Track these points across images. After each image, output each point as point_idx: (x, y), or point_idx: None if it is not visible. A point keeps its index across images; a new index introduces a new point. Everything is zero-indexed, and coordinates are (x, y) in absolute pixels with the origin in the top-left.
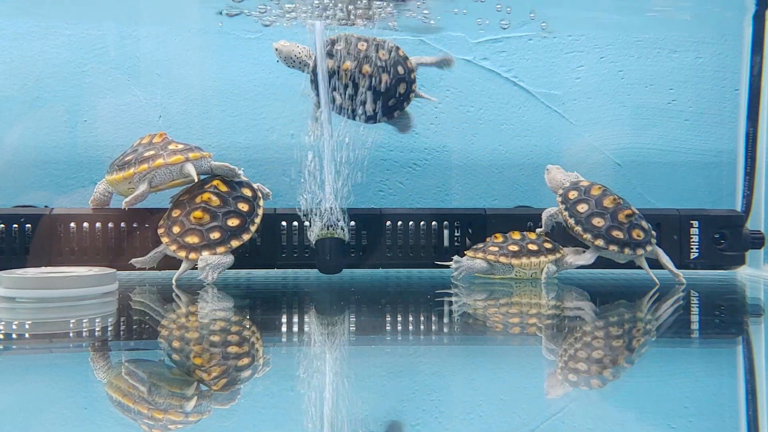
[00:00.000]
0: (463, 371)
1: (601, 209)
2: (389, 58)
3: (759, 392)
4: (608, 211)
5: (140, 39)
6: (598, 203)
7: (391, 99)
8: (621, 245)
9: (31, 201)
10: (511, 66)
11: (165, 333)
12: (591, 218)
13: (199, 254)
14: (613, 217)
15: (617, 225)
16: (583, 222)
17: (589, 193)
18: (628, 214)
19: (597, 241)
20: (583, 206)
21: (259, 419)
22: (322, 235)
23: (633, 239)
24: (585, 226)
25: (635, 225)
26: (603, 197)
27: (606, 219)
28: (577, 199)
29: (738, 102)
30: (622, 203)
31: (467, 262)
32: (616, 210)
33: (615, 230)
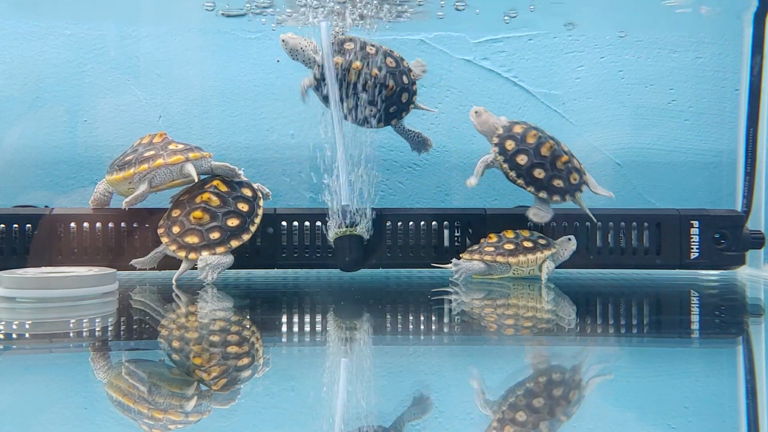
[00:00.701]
0: (463, 371)
1: (540, 159)
2: (395, 66)
3: (759, 392)
4: (547, 160)
5: (140, 39)
6: (536, 153)
7: (392, 106)
8: (562, 194)
9: (31, 201)
10: (511, 66)
11: (165, 333)
12: (532, 170)
13: (199, 254)
14: (552, 165)
15: (557, 174)
16: (525, 175)
17: (526, 142)
18: (565, 161)
19: (540, 193)
20: (522, 157)
21: (259, 419)
22: (341, 233)
23: (572, 185)
24: (527, 179)
25: (571, 169)
26: (540, 145)
27: (546, 169)
28: (515, 150)
29: (738, 102)
30: (557, 148)
31: (465, 264)
32: (553, 158)
33: (556, 179)
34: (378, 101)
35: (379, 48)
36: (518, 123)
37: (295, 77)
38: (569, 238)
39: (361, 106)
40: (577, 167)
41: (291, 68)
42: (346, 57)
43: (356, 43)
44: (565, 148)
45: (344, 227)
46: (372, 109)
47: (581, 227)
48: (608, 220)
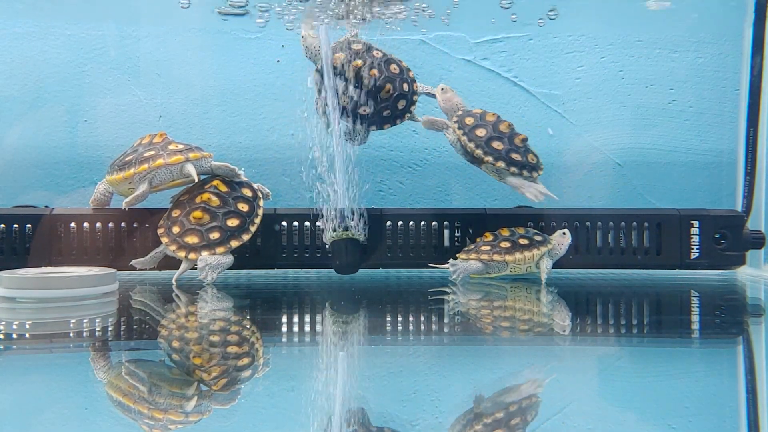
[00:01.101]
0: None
1: (499, 133)
2: (398, 73)
3: (759, 392)
4: (505, 135)
5: (140, 39)
6: (495, 128)
7: (386, 110)
8: (520, 167)
9: (32, 201)
10: (512, 66)
11: (165, 333)
12: (491, 142)
13: (199, 254)
14: (511, 141)
15: (515, 148)
16: (484, 146)
17: (485, 119)
18: (523, 139)
19: (498, 163)
20: (481, 131)
21: (259, 419)
22: (337, 236)
23: (529, 162)
24: (486, 149)
25: (529, 149)
26: (499, 123)
27: (504, 143)
28: (474, 124)
29: (738, 102)
30: (514, 129)
31: (462, 264)
32: (512, 135)
33: (513, 153)
34: (373, 101)
35: (386, 54)
36: (478, 109)
37: (295, 77)
38: (563, 232)
39: (356, 104)
40: (533, 152)
41: (291, 68)
42: (348, 54)
43: (363, 45)
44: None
45: (340, 230)
46: (365, 109)
47: (581, 227)
48: (608, 220)
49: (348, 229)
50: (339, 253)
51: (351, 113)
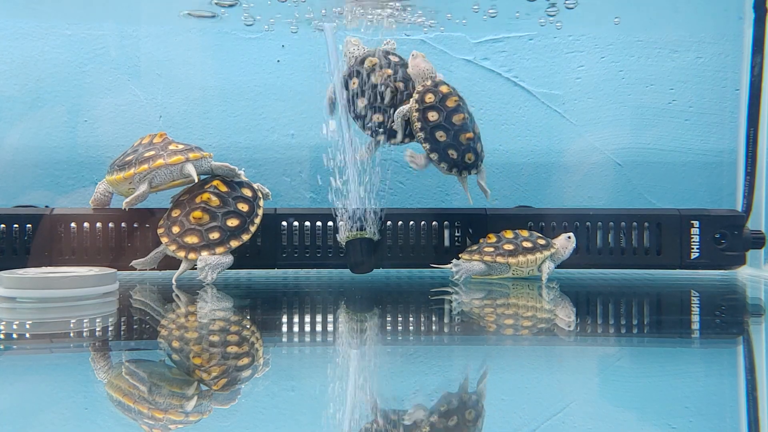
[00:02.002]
0: (462, 371)
1: (449, 124)
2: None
3: (759, 392)
4: (454, 128)
5: (140, 39)
6: (448, 117)
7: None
8: (450, 165)
9: (32, 201)
10: (512, 66)
11: (165, 333)
12: (436, 130)
13: (199, 254)
14: (456, 136)
15: (455, 145)
16: (428, 131)
17: (444, 103)
18: (469, 137)
19: (432, 154)
20: (434, 114)
21: (259, 419)
22: (352, 236)
23: (464, 162)
24: (428, 136)
25: (471, 149)
26: (455, 112)
27: (449, 136)
28: (431, 104)
29: (738, 102)
30: (468, 123)
31: (464, 264)
32: (460, 129)
33: (451, 149)
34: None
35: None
36: (447, 84)
37: (295, 77)
38: (569, 236)
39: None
40: (476, 150)
41: (291, 68)
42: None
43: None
44: (476, 129)
45: (355, 230)
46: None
47: (581, 227)
48: (608, 220)
49: (363, 229)
50: (354, 252)
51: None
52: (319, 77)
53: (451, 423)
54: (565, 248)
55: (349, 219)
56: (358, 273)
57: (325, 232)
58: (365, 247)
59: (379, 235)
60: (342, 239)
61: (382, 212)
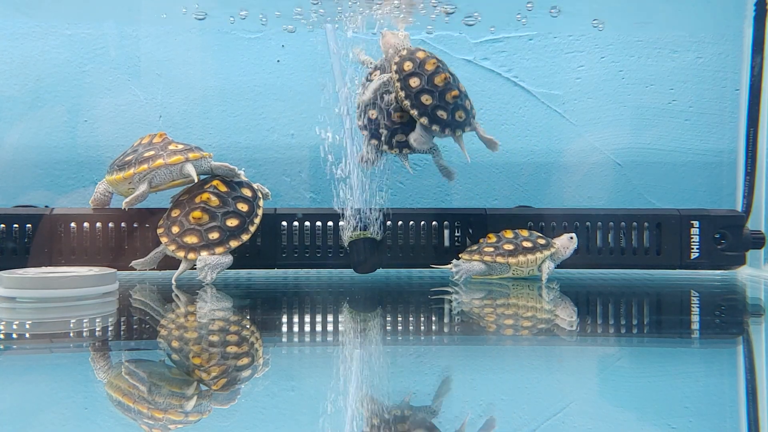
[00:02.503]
0: (463, 371)
1: (432, 87)
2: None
3: (759, 392)
4: (438, 89)
5: (140, 39)
6: (429, 80)
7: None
8: (442, 126)
9: (32, 201)
10: (512, 66)
11: (165, 333)
12: (421, 95)
13: (198, 254)
14: (441, 96)
15: (443, 105)
16: (413, 97)
17: (423, 68)
18: (455, 95)
19: (422, 119)
20: (415, 80)
21: (259, 419)
22: (355, 236)
23: (455, 120)
24: (413, 102)
25: (459, 106)
26: (435, 74)
27: (434, 98)
28: (411, 71)
29: (738, 102)
30: (451, 82)
31: (465, 264)
32: (444, 89)
33: (440, 110)
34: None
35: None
36: (422, 50)
37: (295, 77)
38: (570, 236)
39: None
40: (466, 107)
41: (291, 68)
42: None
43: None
44: (461, 87)
45: (358, 230)
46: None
47: (581, 227)
48: (608, 220)
49: (367, 229)
50: (357, 252)
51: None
52: (319, 77)
53: (450, 423)
54: (566, 248)
55: (353, 219)
56: (361, 272)
57: (325, 232)
58: (368, 247)
59: (381, 235)
60: (345, 239)
61: (383, 212)
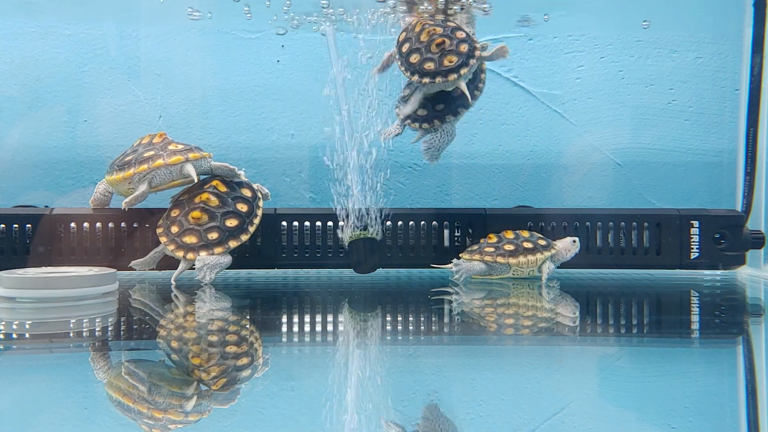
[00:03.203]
0: (463, 371)
1: (418, 43)
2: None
3: (759, 392)
4: (422, 44)
5: (140, 39)
6: (416, 39)
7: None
8: (432, 76)
9: (32, 201)
10: (511, 66)
11: (164, 333)
12: (409, 56)
13: (197, 254)
14: (427, 49)
15: (429, 57)
16: (405, 62)
17: (413, 31)
18: (438, 43)
19: (413, 77)
20: (405, 45)
21: (258, 419)
22: (355, 236)
23: (443, 67)
24: (406, 66)
25: (448, 52)
26: (421, 33)
27: (421, 53)
28: (404, 39)
29: (738, 102)
30: (438, 33)
31: (465, 264)
32: (429, 42)
33: (427, 62)
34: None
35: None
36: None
37: (295, 77)
38: (573, 239)
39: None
40: (458, 51)
41: (291, 68)
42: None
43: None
44: (457, 34)
45: (358, 231)
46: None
47: (581, 227)
48: (608, 220)
49: (366, 229)
50: (357, 252)
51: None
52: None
53: (451, 423)
54: (568, 251)
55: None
56: (361, 272)
57: (325, 232)
58: (368, 247)
59: (381, 235)
60: (345, 239)
61: (383, 212)
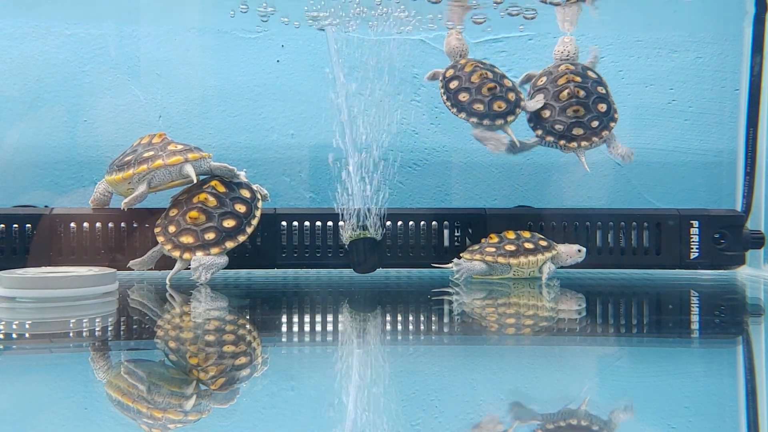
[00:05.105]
0: (462, 371)
1: (469, 84)
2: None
3: (759, 392)
4: (474, 85)
5: (140, 39)
6: (467, 79)
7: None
8: (481, 117)
9: (31, 201)
10: (512, 66)
11: (163, 333)
12: (458, 94)
13: (193, 254)
14: (478, 90)
15: (479, 98)
16: (452, 98)
17: (463, 70)
18: (490, 87)
19: (461, 114)
20: (454, 83)
21: (258, 419)
22: (355, 236)
23: (492, 111)
24: (452, 102)
25: (498, 97)
26: (472, 73)
27: (471, 93)
28: (452, 76)
29: (738, 102)
30: (490, 77)
31: (466, 264)
32: (480, 84)
33: (477, 104)
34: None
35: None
36: (471, 60)
37: (295, 77)
38: (579, 249)
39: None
40: (509, 99)
41: (291, 68)
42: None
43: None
44: (505, 83)
45: (358, 230)
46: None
47: (581, 227)
48: (608, 220)
49: (366, 229)
50: (357, 252)
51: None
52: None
53: (451, 422)
54: (570, 256)
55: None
56: (361, 272)
57: (325, 232)
58: (368, 247)
59: (381, 235)
60: (345, 239)
61: (383, 212)
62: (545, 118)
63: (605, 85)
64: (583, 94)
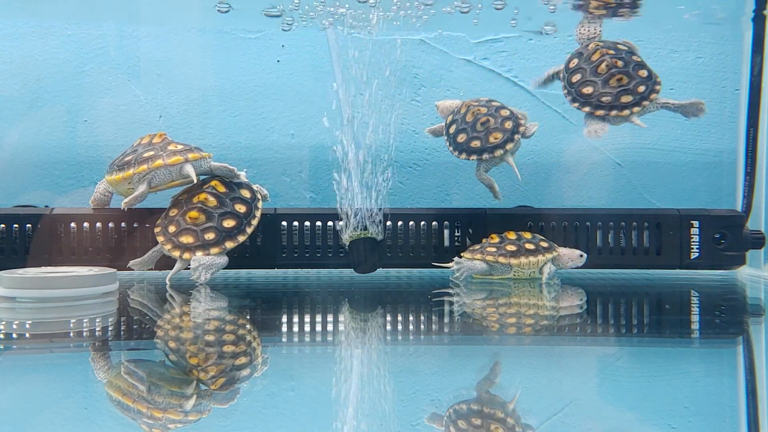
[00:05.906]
0: (462, 371)
1: (464, 125)
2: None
3: (759, 392)
4: (468, 125)
5: (140, 39)
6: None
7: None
8: (479, 152)
9: (32, 201)
10: (512, 66)
11: (163, 333)
12: (457, 135)
13: (193, 254)
14: (473, 128)
15: (475, 136)
16: (452, 143)
17: (461, 114)
18: (483, 122)
19: (461, 155)
20: (453, 127)
21: (258, 419)
22: (356, 236)
23: (489, 144)
24: (454, 146)
25: (493, 129)
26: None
27: (467, 133)
28: (452, 120)
29: (738, 102)
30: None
31: (466, 263)
32: (474, 122)
33: (474, 141)
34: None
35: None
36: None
37: (295, 77)
38: (581, 254)
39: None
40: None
41: (291, 68)
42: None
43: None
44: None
45: (359, 230)
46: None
47: (581, 227)
48: (608, 220)
49: (366, 229)
50: (358, 252)
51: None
52: (319, 77)
53: (450, 422)
54: (571, 260)
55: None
56: (361, 272)
57: (325, 232)
58: (369, 247)
59: (381, 235)
60: (346, 239)
61: (383, 212)
62: (590, 94)
63: (639, 55)
64: (621, 63)
